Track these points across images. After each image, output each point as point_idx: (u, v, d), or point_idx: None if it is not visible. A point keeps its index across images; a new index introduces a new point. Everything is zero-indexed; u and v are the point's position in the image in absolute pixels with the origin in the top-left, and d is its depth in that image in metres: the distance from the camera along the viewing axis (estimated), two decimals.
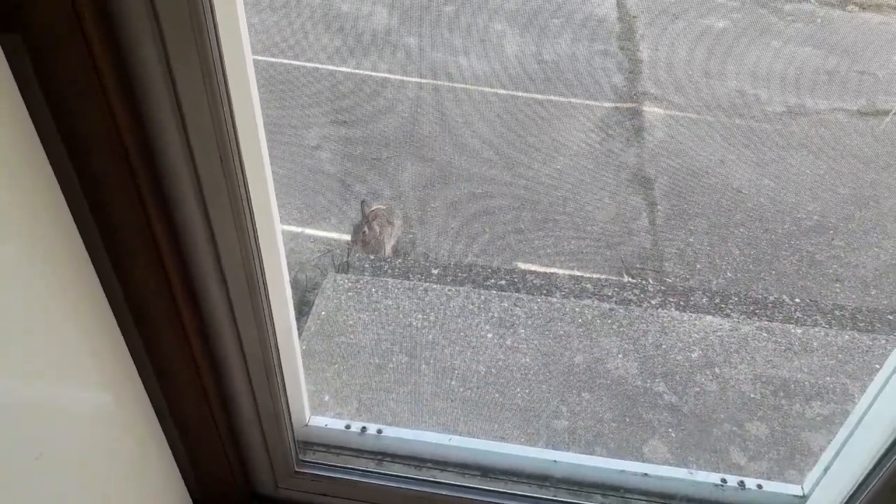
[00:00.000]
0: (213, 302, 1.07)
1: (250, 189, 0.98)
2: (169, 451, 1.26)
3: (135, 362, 1.10)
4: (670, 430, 2.06)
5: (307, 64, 5.04)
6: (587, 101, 4.78)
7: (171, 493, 1.30)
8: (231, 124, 0.89)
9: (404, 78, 4.98)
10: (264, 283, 1.09)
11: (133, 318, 1.05)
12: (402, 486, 1.40)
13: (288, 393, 1.29)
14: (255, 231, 1.02)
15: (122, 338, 1.05)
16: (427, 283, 2.68)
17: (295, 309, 1.28)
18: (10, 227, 0.78)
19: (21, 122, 0.78)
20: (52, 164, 0.84)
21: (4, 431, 0.81)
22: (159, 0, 0.76)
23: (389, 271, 2.86)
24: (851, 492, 1.21)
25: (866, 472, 1.18)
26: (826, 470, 1.32)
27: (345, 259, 3.07)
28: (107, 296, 0.99)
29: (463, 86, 4.91)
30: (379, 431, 1.45)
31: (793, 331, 2.46)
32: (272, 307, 1.13)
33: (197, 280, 1.05)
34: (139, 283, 1.01)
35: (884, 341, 2.43)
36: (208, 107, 0.85)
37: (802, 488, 1.37)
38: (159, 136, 0.87)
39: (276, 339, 1.18)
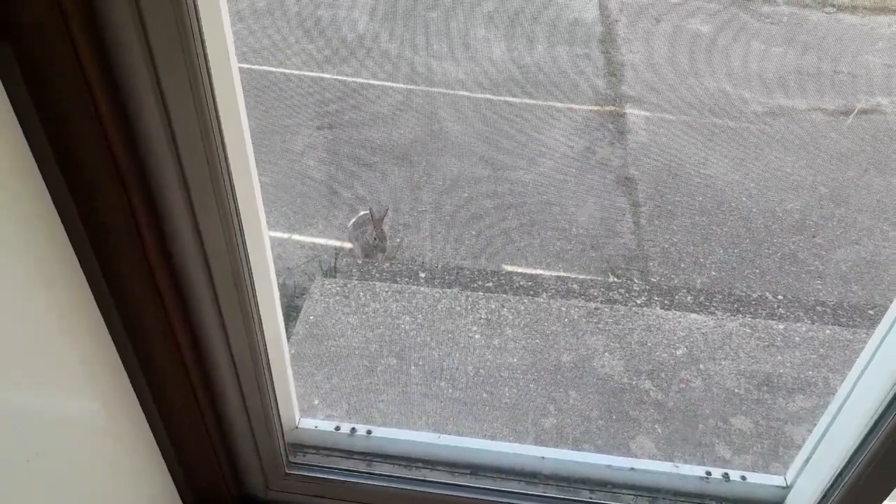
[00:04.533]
0: (202, 306, 1.09)
1: (237, 194, 0.99)
2: (159, 455, 1.26)
3: (125, 368, 1.11)
4: (656, 426, 2.08)
5: (292, 71, 5.05)
6: (570, 105, 4.82)
7: (162, 497, 1.31)
8: (217, 130, 0.91)
9: (389, 84, 5.00)
10: (252, 288, 1.10)
11: (123, 324, 1.06)
12: (393, 485, 1.41)
13: (277, 395, 1.31)
14: (242, 235, 1.03)
15: (112, 344, 1.06)
16: (415, 286, 2.70)
17: (283, 314, 1.30)
18: (1, 236, 0.79)
19: (11, 131, 0.79)
20: (41, 171, 0.85)
21: None
22: (146, 9, 0.78)
23: (377, 275, 2.87)
24: (832, 480, 1.24)
25: (846, 460, 1.21)
26: (808, 460, 1.35)
27: (332, 264, 3.08)
28: (97, 303, 1.00)
29: (447, 91, 4.94)
30: (368, 432, 1.46)
31: (775, 327, 2.49)
32: (261, 311, 1.15)
33: (186, 285, 1.06)
34: (129, 290, 1.02)
35: (864, 335, 2.48)
36: (195, 112, 0.86)
37: (785, 479, 1.40)
38: (147, 142, 0.89)
39: (264, 342, 1.19)
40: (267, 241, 1.15)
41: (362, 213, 3.51)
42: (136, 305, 1.04)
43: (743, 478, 1.41)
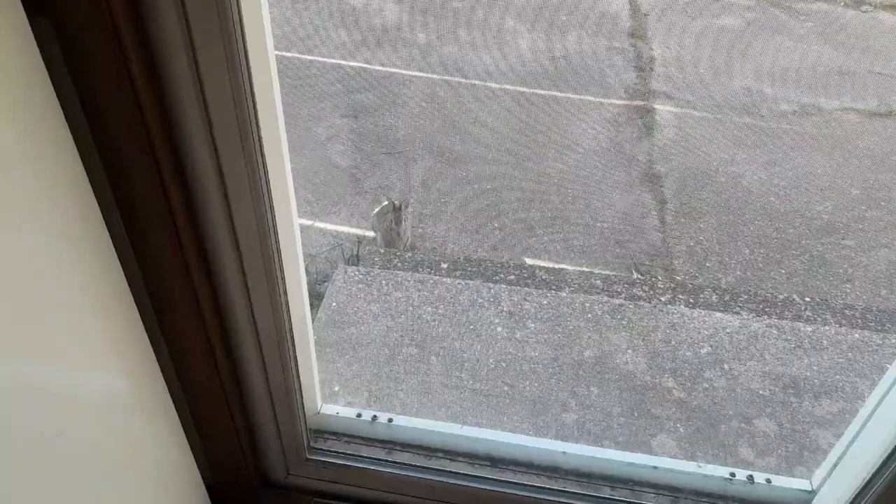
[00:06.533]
0: (231, 287, 1.09)
1: (269, 175, 0.99)
2: (183, 435, 1.27)
3: (152, 347, 1.11)
4: (678, 425, 2.06)
5: (319, 58, 5.06)
6: (598, 99, 4.78)
7: (184, 477, 1.32)
8: (252, 108, 0.90)
9: (415, 73, 4.99)
10: (281, 270, 1.10)
11: (152, 304, 1.06)
12: (412, 474, 1.41)
13: (301, 380, 1.31)
14: (273, 217, 1.03)
15: (140, 323, 1.06)
16: (437, 277, 2.69)
17: None
18: (35, 210, 0.79)
19: (48, 102, 0.79)
20: (76, 143, 0.85)
21: (27, 411, 0.82)
22: None
23: (399, 264, 2.87)
24: (860, 487, 1.21)
25: (875, 467, 1.18)
26: (835, 465, 1.32)
27: (355, 252, 3.08)
28: (126, 278, 1.00)
29: (474, 82, 4.91)
30: (390, 420, 1.46)
31: (802, 329, 2.45)
32: (288, 294, 1.15)
33: (215, 265, 1.06)
34: (157, 267, 1.02)
35: (894, 340, 2.43)
36: (231, 91, 0.86)
37: (811, 483, 1.38)
38: (182, 120, 0.88)
39: (290, 326, 1.19)
40: (296, 227, 1.15)
41: (385, 202, 3.51)
42: (165, 284, 1.04)
43: (768, 480, 1.39)
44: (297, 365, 1.26)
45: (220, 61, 0.83)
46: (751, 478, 1.40)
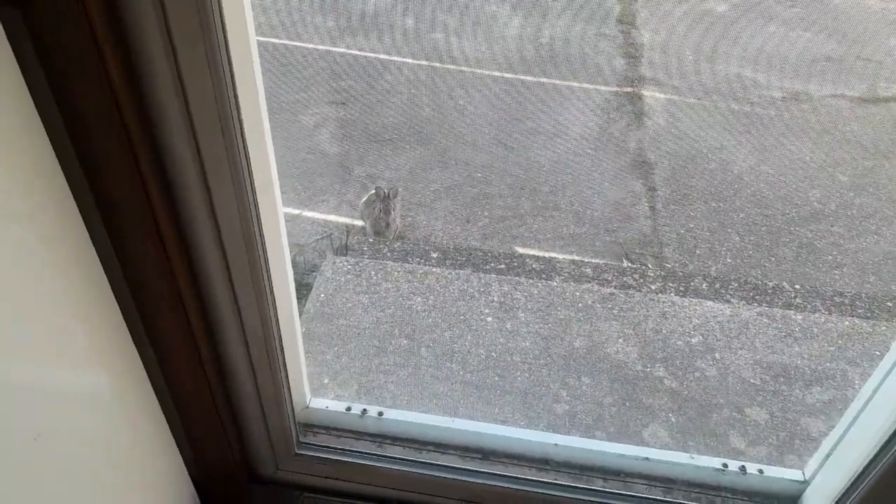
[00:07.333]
0: (214, 280, 1.06)
1: (252, 167, 0.96)
2: (169, 432, 1.25)
3: (134, 343, 1.09)
4: (670, 414, 2.06)
5: (304, 44, 4.99)
6: (587, 85, 4.75)
7: (171, 474, 1.29)
8: (234, 101, 0.88)
9: (403, 59, 4.94)
10: (266, 263, 1.07)
11: (133, 299, 1.04)
12: (403, 468, 1.39)
13: (289, 374, 1.29)
14: (256, 209, 1.00)
15: (121, 318, 1.04)
16: (426, 267, 2.67)
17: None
18: (9, 206, 0.76)
19: (20, 99, 0.76)
20: (51, 141, 0.82)
21: (5, 411, 0.80)
22: None
23: (388, 254, 2.85)
24: (854, 478, 1.21)
25: (869, 458, 1.17)
26: (828, 455, 1.32)
27: (343, 242, 3.05)
28: (107, 275, 0.98)
29: (462, 68, 4.87)
30: (380, 414, 1.44)
31: (793, 317, 2.45)
32: (273, 287, 1.12)
33: (198, 258, 1.03)
34: (139, 263, 0.99)
35: (884, 328, 2.43)
36: (211, 83, 0.83)
37: (804, 473, 1.37)
38: (161, 113, 0.86)
39: (277, 319, 1.17)
40: (281, 217, 1.12)
41: (373, 191, 3.48)
42: (146, 278, 1.02)
43: (760, 471, 1.38)
44: (284, 358, 1.24)
45: (199, 54, 0.80)
46: (743, 468, 1.39)
